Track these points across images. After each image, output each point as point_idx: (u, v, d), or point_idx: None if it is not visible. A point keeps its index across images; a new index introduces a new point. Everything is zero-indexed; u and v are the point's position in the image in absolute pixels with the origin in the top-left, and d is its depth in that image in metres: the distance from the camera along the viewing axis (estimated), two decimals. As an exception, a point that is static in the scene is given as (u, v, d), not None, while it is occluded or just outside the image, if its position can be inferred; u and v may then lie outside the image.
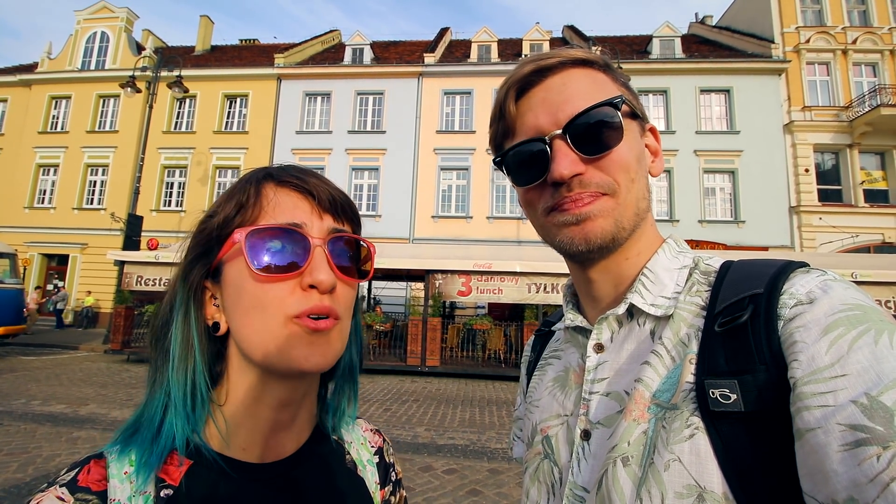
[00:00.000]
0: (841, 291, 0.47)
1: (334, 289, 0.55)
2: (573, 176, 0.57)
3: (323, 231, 0.56)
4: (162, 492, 0.51)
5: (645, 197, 0.61)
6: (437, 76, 21.08)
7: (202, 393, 0.55)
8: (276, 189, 0.57)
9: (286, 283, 0.53)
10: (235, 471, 0.55)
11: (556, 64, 0.60)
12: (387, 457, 0.74)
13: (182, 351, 0.55)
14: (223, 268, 0.56)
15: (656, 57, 20.50)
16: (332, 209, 0.58)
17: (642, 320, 0.60)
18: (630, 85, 0.65)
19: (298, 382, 0.58)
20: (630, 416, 0.53)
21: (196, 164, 21.38)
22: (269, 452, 0.58)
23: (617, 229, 0.58)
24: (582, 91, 0.59)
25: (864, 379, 0.39)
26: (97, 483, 0.50)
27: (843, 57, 18.92)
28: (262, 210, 0.56)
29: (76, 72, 22.86)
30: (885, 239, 17.53)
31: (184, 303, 0.57)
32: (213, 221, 0.57)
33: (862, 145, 18.13)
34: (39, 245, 21.46)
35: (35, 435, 5.55)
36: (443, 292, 11.96)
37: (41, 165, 22.41)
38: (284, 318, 0.52)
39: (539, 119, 0.59)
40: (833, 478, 0.38)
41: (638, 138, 0.62)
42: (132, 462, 0.52)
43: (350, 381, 0.68)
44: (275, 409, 0.57)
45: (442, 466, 5.07)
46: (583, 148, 0.57)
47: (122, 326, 12.68)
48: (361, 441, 0.72)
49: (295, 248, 0.54)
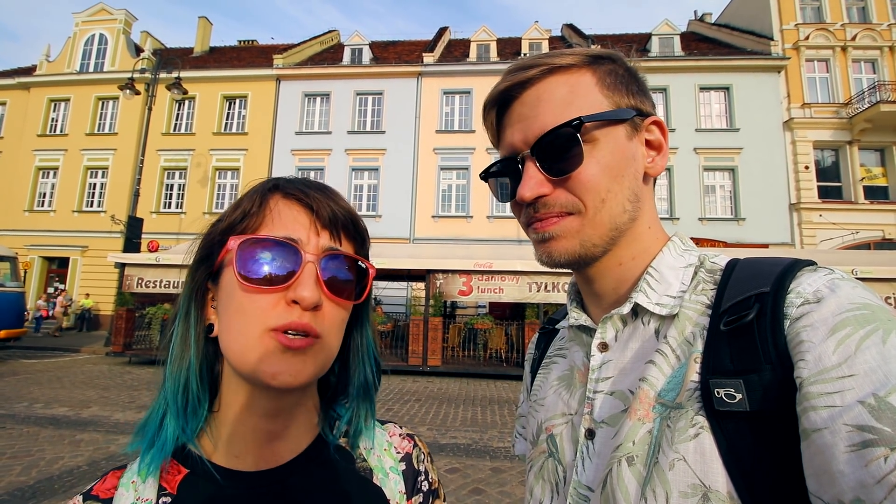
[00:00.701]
0: (849, 290, 0.46)
1: (319, 307, 0.54)
2: (536, 198, 0.58)
3: (318, 248, 0.56)
4: (161, 500, 0.53)
5: (625, 210, 0.58)
6: (436, 76, 21.06)
7: (193, 392, 0.55)
8: (281, 201, 0.57)
9: (271, 296, 0.52)
10: (227, 479, 0.55)
11: (532, 77, 0.59)
12: (416, 464, 0.69)
13: (179, 349, 0.57)
14: (222, 271, 0.56)
15: (655, 55, 20.51)
16: (332, 226, 0.58)
17: (647, 319, 0.59)
18: (626, 79, 0.62)
19: (283, 394, 0.56)
20: (635, 415, 0.53)
21: (196, 165, 21.38)
22: (262, 461, 0.58)
23: (583, 249, 0.58)
24: (553, 105, 0.57)
25: (872, 379, 0.39)
26: (107, 492, 0.53)
27: (843, 54, 18.91)
28: (264, 220, 0.56)
29: (75, 74, 22.85)
30: (886, 235, 17.51)
31: (186, 302, 0.58)
32: (219, 227, 0.58)
33: (861, 142, 18.11)
34: (40, 248, 21.46)
35: (38, 438, 5.55)
36: (444, 292, 11.96)
37: (41, 168, 22.41)
38: (263, 330, 0.51)
39: (514, 137, 0.60)
40: (839, 479, 0.37)
41: (620, 145, 0.58)
42: (140, 472, 0.55)
43: (366, 402, 0.66)
44: (264, 418, 0.57)
45: (444, 465, 5.07)
46: (549, 168, 0.57)
47: (124, 329, 12.67)
48: (385, 447, 0.68)
49: (286, 261, 0.53)
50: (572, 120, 0.56)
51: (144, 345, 12.93)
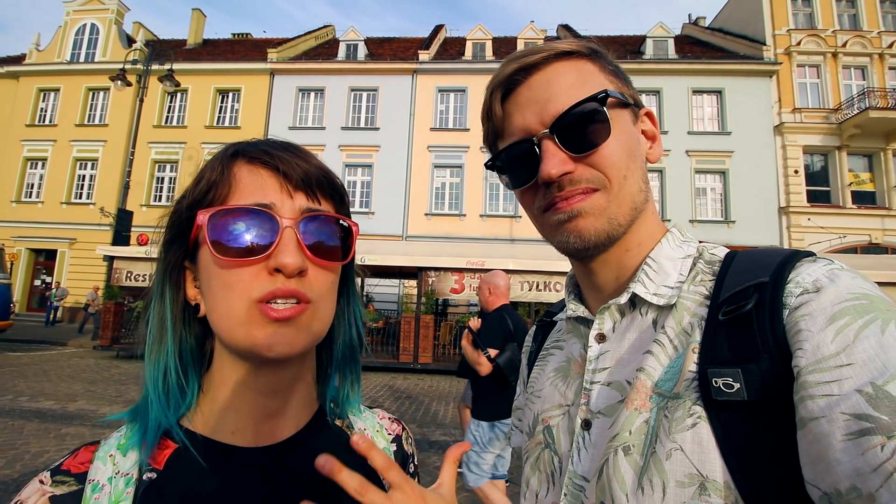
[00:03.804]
0: (848, 280, 0.46)
1: (305, 272, 0.51)
2: (562, 175, 0.57)
3: (294, 210, 0.52)
4: (146, 475, 0.50)
5: (641, 189, 0.60)
6: (431, 73, 21.00)
7: (173, 378, 0.53)
8: (246, 166, 0.53)
9: (252, 267, 0.50)
10: (223, 455, 0.53)
11: (539, 60, 0.59)
12: (406, 446, 0.70)
13: (157, 333, 0.55)
14: (198, 250, 0.54)
15: (649, 57, 20.60)
16: (306, 186, 0.54)
17: (645, 310, 0.59)
18: (621, 71, 0.63)
19: (280, 368, 0.54)
20: (632, 405, 0.53)
21: (187, 158, 21.16)
22: (261, 437, 0.56)
23: (611, 227, 0.58)
24: (566, 86, 0.58)
25: (870, 368, 0.39)
26: (80, 466, 0.50)
27: (833, 60, 19.11)
28: (231, 190, 0.52)
29: (65, 64, 22.52)
30: (872, 240, 17.76)
31: (160, 285, 0.56)
32: (184, 203, 0.55)
33: (850, 147, 18.33)
34: (27, 240, 21.14)
35: (23, 431, 5.48)
36: (436, 290, 11.96)
37: (29, 159, 22.07)
38: (249, 303, 0.49)
39: (526, 119, 0.59)
40: (836, 467, 0.38)
41: (630, 127, 0.61)
42: (120, 446, 0.52)
43: (351, 364, 0.65)
44: (262, 395, 0.55)
45: (434, 462, 5.07)
46: (571, 146, 0.57)
47: (112, 322, 12.53)
48: (377, 428, 0.68)
49: (261, 229, 0.50)
50: (598, 93, 0.57)
51: (132, 339, 12.79)
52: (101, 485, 0.49)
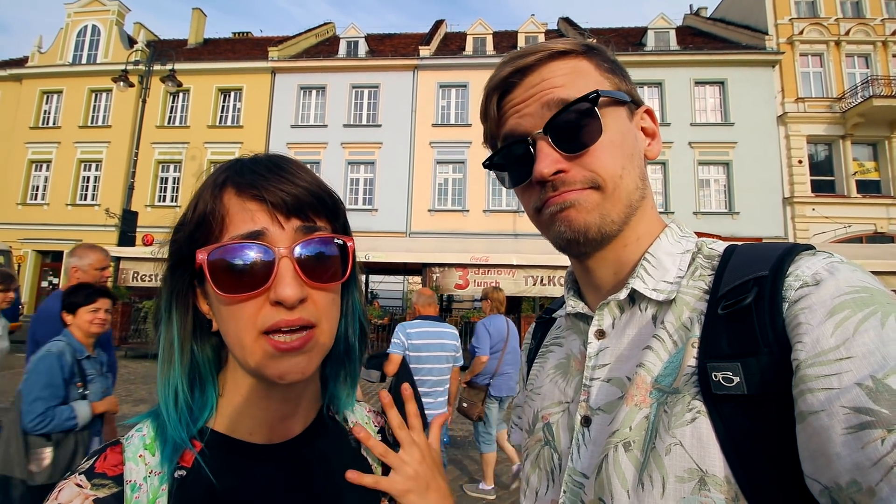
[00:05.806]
0: (848, 273, 0.46)
1: (305, 299, 0.52)
2: (555, 174, 0.57)
3: (288, 238, 0.53)
4: (176, 472, 0.53)
5: (638, 187, 0.60)
6: (432, 69, 20.91)
7: (182, 400, 0.55)
8: (235, 198, 0.54)
9: (255, 300, 0.51)
10: (244, 452, 0.57)
11: (533, 62, 0.60)
12: (388, 437, 0.74)
13: (167, 355, 0.57)
14: (204, 276, 0.54)
15: (651, 49, 20.40)
16: (297, 211, 0.54)
17: (644, 305, 0.59)
18: (619, 68, 0.64)
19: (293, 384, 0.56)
20: (631, 401, 0.53)
21: (190, 158, 21.18)
22: (275, 435, 0.60)
23: (603, 222, 0.58)
24: (561, 87, 0.59)
25: (870, 361, 0.38)
26: (113, 468, 0.52)
27: (836, 48, 18.90)
28: (224, 223, 0.53)
29: (67, 66, 22.53)
30: (877, 229, 17.61)
31: (166, 308, 0.57)
32: (181, 235, 0.56)
33: (854, 136, 18.15)
34: (33, 242, 21.23)
35: (33, 431, 5.51)
36: (440, 285, 11.96)
37: (33, 161, 22.14)
38: (256, 335, 0.51)
39: (522, 120, 0.60)
40: (836, 461, 0.37)
41: (626, 125, 0.61)
42: (147, 446, 0.55)
43: (347, 363, 0.67)
44: (277, 403, 0.59)
45: (440, 458, 5.09)
46: (564, 146, 0.57)
47: (119, 323, 12.61)
48: (365, 421, 0.73)
49: (258, 262, 0.51)
50: (590, 93, 0.57)
51: (140, 339, 12.88)
52: (139, 484, 0.52)
